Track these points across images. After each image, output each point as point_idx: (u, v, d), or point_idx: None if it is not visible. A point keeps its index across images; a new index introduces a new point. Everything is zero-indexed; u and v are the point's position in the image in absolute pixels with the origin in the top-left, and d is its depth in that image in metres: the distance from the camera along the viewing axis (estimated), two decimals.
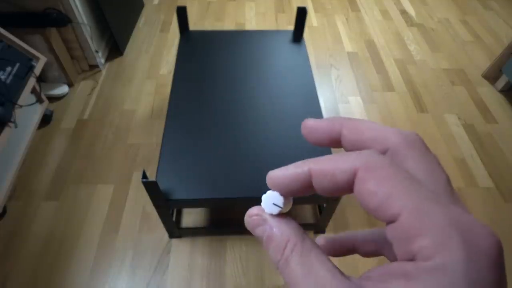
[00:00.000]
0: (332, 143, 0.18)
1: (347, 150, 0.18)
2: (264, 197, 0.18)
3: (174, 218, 1.23)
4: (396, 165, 0.15)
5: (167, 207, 0.98)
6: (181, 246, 1.19)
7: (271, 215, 0.18)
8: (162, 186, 0.92)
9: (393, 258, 0.17)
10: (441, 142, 1.55)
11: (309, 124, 0.19)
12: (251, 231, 0.18)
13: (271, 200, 0.18)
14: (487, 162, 1.47)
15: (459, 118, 1.65)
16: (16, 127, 1.19)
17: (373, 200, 0.14)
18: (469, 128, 1.61)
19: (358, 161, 0.15)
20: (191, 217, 1.27)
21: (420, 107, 1.70)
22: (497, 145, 1.54)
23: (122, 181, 1.35)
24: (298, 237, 0.16)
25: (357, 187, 0.15)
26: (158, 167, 0.97)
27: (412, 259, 0.13)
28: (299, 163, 0.17)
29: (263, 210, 0.18)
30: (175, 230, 1.15)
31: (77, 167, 1.39)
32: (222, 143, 1.04)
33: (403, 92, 1.77)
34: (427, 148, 0.17)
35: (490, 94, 1.78)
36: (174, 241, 1.20)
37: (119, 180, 1.36)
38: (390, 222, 0.14)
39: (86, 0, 1.65)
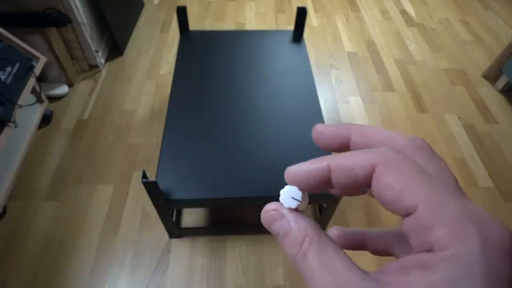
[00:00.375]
0: (341, 148, 0.19)
1: None
2: (282, 191, 0.18)
3: (174, 218, 1.23)
4: (411, 161, 0.15)
5: (167, 207, 0.98)
6: (181, 246, 1.19)
7: (289, 210, 0.18)
8: (162, 186, 0.92)
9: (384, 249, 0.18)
10: (441, 142, 1.55)
11: (319, 129, 0.19)
12: (267, 227, 0.18)
13: (290, 194, 0.18)
14: (487, 162, 1.47)
15: (459, 118, 1.65)
16: (16, 127, 1.19)
17: (390, 193, 0.15)
18: (469, 128, 1.61)
19: (376, 156, 0.16)
20: (191, 217, 1.27)
21: (420, 107, 1.70)
22: (497, 145, 1.54)
23: (122, 181, 1.35)
24: (315, 231, 0.17)
25: (375, 181, 0.15)
26: (158, 167, 0.97)
27: (429, 250, 0.14)
28: (318, 158, 0.17)
29: (280, 206, 0.18)
30: (175, 230, 1.16)
31: (77, 167, 1.39)
32: (222, 143, 1.04)
33: (403, 92, 1.77)
34: (434, 152, 0.17)
35: (490, 94, 1.78)
36: (174, 241, 1.20)
37: (119, 180, 1.36)
38: (406, 214, 0.14)
39: (86, 0, 1.65)
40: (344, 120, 1.62)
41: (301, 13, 1.37)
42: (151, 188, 0.87)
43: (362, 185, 0.16)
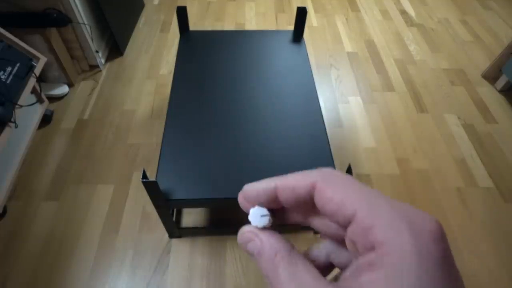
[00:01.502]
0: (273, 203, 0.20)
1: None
2: (250, 216, 0.20)
3: (174, 218, 1.23)
4: (347, 176, 0.18)
5: (167, 207, 0.98)
6: (181, 246, 1.19)
7: (262, 230, 0.20)
8: (162, 186, 0.92)
9: (342, 265, 0.20)
10: (441, 142, 1.55)
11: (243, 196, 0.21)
12: (243, 248, 0.20)
13: (258, 214, 0.20)
14: (487, 162, 1.48)
15: (459, 118, 1.65)
16: (16, 127, 1.19)
17: (331, 205, 0.17)
18: (469, 128, 1.61)
19: (316, 175, 0.18)
20: (191, 217, 1.27)
21: (420, 107, 1.70)
22: (497, 145, 1.54)
23: (122, 181, 1.35)
24: (286, 249, 0.18)
25: (316, 197, 0.18)
26: (158, 167, 0.97)
27: (372, 248, 0.15)
28: (269, 179, 0.20)
29: (254, 227, 0.20)
30: (175, 230, 1.16)
31: (77, 167, 1.39)
32: (222, 143, 1.04)
33: (403, 92, 1.77)
34: (343, 173, 0.19)
35: (490, 94, 1.78)
36: (174, 241, 1.20)
37: (119, 180, 1.36)
38: (348, 223, 0.16)
39: (86, 0, 1.65)
40: (344, 120, 1.62)
41: (301, 13, 1.37)
42: (151, 188, 0.87)
43: (305, 202, 0.18)
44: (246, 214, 0.20)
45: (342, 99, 1.72)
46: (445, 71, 1.90)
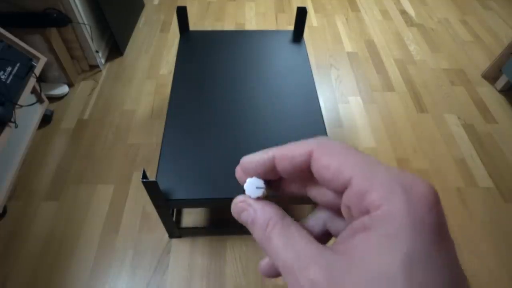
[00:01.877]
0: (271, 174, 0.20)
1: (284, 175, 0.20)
2: (246, 185, 0.20)
3: (174, 218, 1.23)
4: (342, 142, 0.18)
5: (167, 207, 0.98)
6: (181, 246, 1.19)
7: (255, 200, 0.20)
8: (162, 186, 0.92)
9: (339, 234, 0.19)
10: (441, 142, 1.55)
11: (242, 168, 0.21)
12: (237, 218, 0.20)
13: (253, 185, 0.20)
14: (487, 162, 1.48)
15: (459, 118, 1.65)
16: (16, 127, 1.19)
17: (328, 173, 0.17)
18: (469, 128, 1.61)
19: (313, 143, 0.18)
20: (191, 217, 1.27)
21: (420, 107, 1.70)
22: (497, 145, 1.54)
23: (122, 181, 1.35)
24: (279, 215, 0.18)
25: (313, 165, 0.18)
26: (158, 167, 0.97)
27: (367, 212, 0.15)
28: (266, 150, 0.20)
29: (248, 197, 0.20)
30: (175, 230, 1.16)
31: (77, 167, 1.39)
32: (222, 143, 1.04)
33: (403, 92, 1.77)
34: (343, 142, 0.19)
35: (490, 94, 1.78)
36: (174, 241, 1.20)
37: (119, 180, 1.36)
38: (344, 189, 0.17)
39: (86, 0, 1.65)
40: (344, 120, 1.62)
41: (301, 13, 1.37)
42: (151, 188, 0.87)
43: (302, 171, 0.18)
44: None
45: (342, 99, 1.72)
46: (445, 71, 1.90)
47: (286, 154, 0.19)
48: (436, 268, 0.14)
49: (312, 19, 2.23)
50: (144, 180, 0.84)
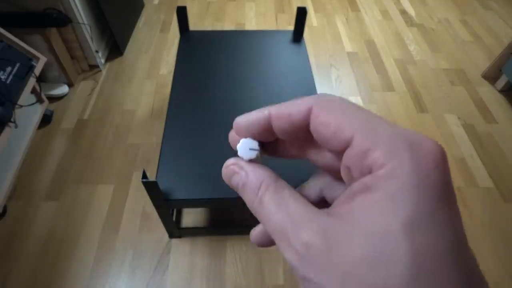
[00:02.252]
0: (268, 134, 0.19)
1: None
2: (239, 146, 0.19)
3: (174, 218, 1.23)
4: (342, 99, 0.17)
5: (167, 207, 0.98)
6: (181, 246, 1.19)
7: (247, 162, 0.19)
8: (162, 186, 0.92)
9: (334, 200, 0.18)
10: (441, 142, 1.55)
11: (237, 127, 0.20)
12: (228, 182, 0.19)
13: (246, 146, 0.19)
14: (487, 162, 1.48)
15: (459, 118, 1.65)
16: (16, 127, 1.19)
17: (328, 131, 0.16)
18: (469, 128, 1.61)
19: (311, 100, 0.17)
20: (191, 217, 1.27)
21: (420, 107, 1.70)
22: (497, 145, 1.54)
23: (122, 181, 1.35)
24: (271, 178, 0.17)
25: (312, 123, 0.16)
26: (158, 167, 0.97)
27: (368, 172, 0.14)
28: (261, 109, 0.18)
29: (239, 159, 0.19)
30: (175, 230, 1.16)
31: (77, 167, 1.39)
32: (222, 143, 1.03)
33: (403, 92, 1.77)
34: (343, 98, 0.18)
35: (490, 94, 1.78)
36: (174, 241, 1.20)
37: (119, 180, 1.36)
38: (345, 148, 0.15)
39: (86, 0, 1.65)
40: None
41: (301, 13, 1.36)
42: (151, 188, 0.87)
43: (301, 129, 0.17)
44: (246, 215, 0.20)
45: None
46: (445, 71, 1.90)
47: (283, 111, 0.17)
48: (439, 229, 0.13)
49: (312, 19, 2.23)
50: (144, 180, 0.84)
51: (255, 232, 0.21)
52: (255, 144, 0.19)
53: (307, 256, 0.14)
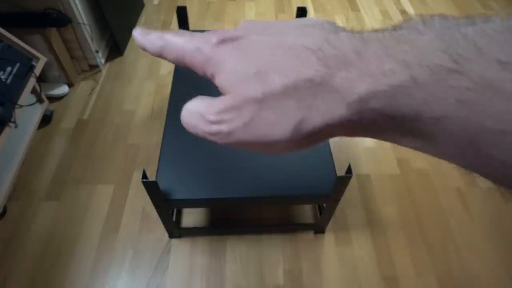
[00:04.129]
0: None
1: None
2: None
3: (174, 218, 1.23)
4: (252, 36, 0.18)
5: (167, 207, 0.98)
6: (181, 246, 1.19)
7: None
8: (162, 186, 0.92)
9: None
10: None
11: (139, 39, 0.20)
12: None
13: None
14: None
15: None
16: (16, 127, 1.19)
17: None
18: None
19: (207, 50, 0.18)
20: (191, 217, 1.27)
21: None
22: None
23: (122, 181, 1.35)
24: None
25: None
26: (158, 167, 0.97)
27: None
28: (160, 35, 0.19)
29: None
30: (175, 230, 1.16)
31: (77, 167, 1.39)
32: None
33: None
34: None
35: None
36: (174, 241, 1.20)
37: (119, 180, 1.36)
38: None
39: (86, 0, 1.65)
40: None
41: (301, 13, 1.36)
42: (151, 188, 0.87)
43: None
44: (245, 216, 0.20)
45: None
46: None
47: (176, 47, 0.19)
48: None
49: None
50: (144, 180, 0.85)
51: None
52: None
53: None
